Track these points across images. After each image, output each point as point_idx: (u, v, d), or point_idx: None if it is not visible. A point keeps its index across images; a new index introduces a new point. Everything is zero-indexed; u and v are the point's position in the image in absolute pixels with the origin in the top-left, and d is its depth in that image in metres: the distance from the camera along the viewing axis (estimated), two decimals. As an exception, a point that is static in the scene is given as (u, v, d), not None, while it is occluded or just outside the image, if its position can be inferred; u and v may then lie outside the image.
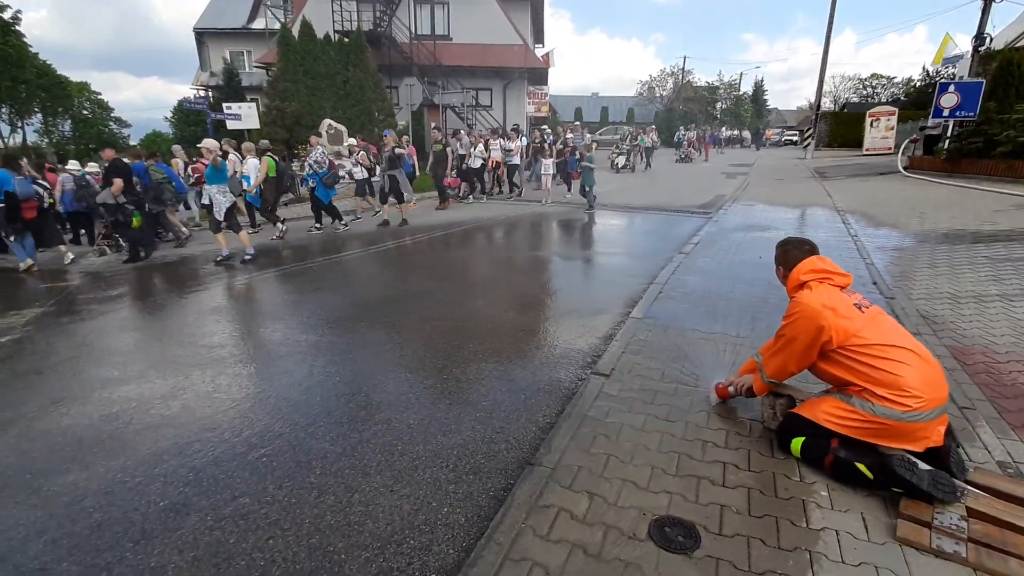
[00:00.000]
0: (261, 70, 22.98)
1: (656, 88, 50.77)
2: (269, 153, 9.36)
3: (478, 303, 5.50)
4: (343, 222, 10.10)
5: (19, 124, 29.49)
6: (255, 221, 10.27)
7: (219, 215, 7.68)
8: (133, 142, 36.52)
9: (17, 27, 23.20)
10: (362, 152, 11.00)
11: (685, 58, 59.86)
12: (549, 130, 19.38)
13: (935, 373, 2.39)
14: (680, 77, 48.77)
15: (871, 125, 23.69)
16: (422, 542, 2.24)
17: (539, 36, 30.54)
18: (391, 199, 9.96)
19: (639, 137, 22.69)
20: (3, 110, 26.86)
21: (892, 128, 23.15)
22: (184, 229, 9.65)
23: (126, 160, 8.49)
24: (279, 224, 9.31)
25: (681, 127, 32.01)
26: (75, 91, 32.02)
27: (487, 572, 1.99)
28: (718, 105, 49.58)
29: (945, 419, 2.39)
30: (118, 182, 7.82)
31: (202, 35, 27.93)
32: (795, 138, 42.54)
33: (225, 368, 4.04)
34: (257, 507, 2.48)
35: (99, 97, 35.85)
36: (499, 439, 2.95)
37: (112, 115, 36.79)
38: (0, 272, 7.88)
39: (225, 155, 7.90)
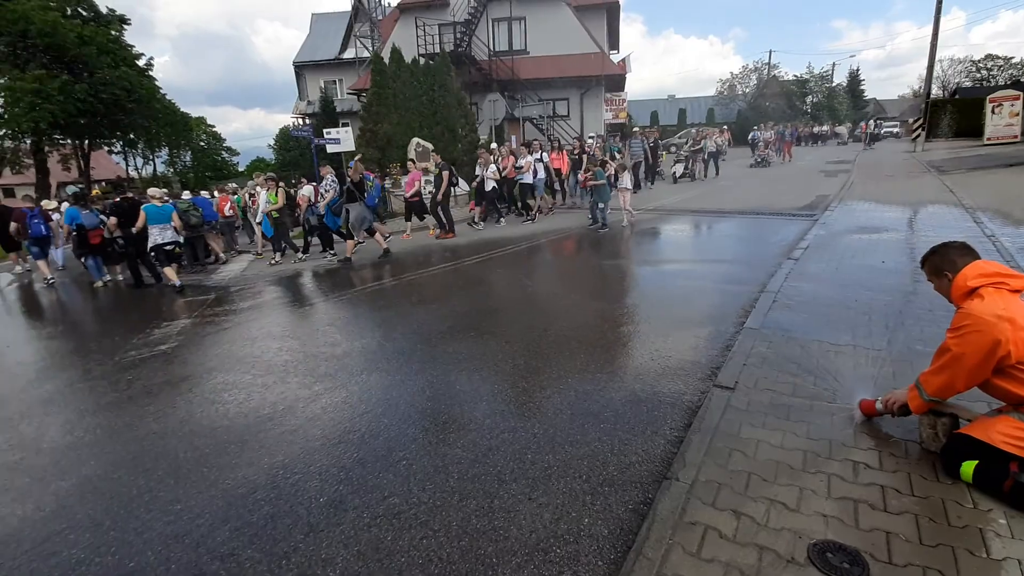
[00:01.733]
0: (353, 96, 24.64)
1: (738, 85, 48.52)
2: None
3: (581, 314, 5.51)
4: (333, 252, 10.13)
5: (150, 157, 33.70)
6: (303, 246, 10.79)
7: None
8: (241, 169, 40.52)
9: (150, 72, 26.58)
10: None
11: (771, 52, 56.57)
12: (592, 137, 18.02)
13: None
14: (765, 72, 46.29)
15: (992, 111, 21.15)
16: (569, 552, 2.28)
17: (614, 42, 30.30)
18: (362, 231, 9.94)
19: (702, 140, 19.23)
20: (139, 145, 30.83)
21: (1018, 114, 20.54)
22: (222, 254, 11.08)
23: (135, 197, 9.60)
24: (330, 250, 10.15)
25: (755, 126, 27.67)
26: (194, 125, 36.03)
27: (644, 586, 1.98)
28: (808, 99, 46.44)
29: None
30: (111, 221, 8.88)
31: (301, 68, 30.46)
32: (895, 129, 38.74)
33: (354, 376, 4.34)
34: (406, 507, 2.64)
35: (213, 129, 40.18)
36: (628, 451, 2.94)
37: (224, 145, 41.01)
38: (146, 289, 9.00)
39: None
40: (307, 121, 20.28)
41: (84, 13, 24.19)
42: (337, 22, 30.90)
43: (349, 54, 28.69)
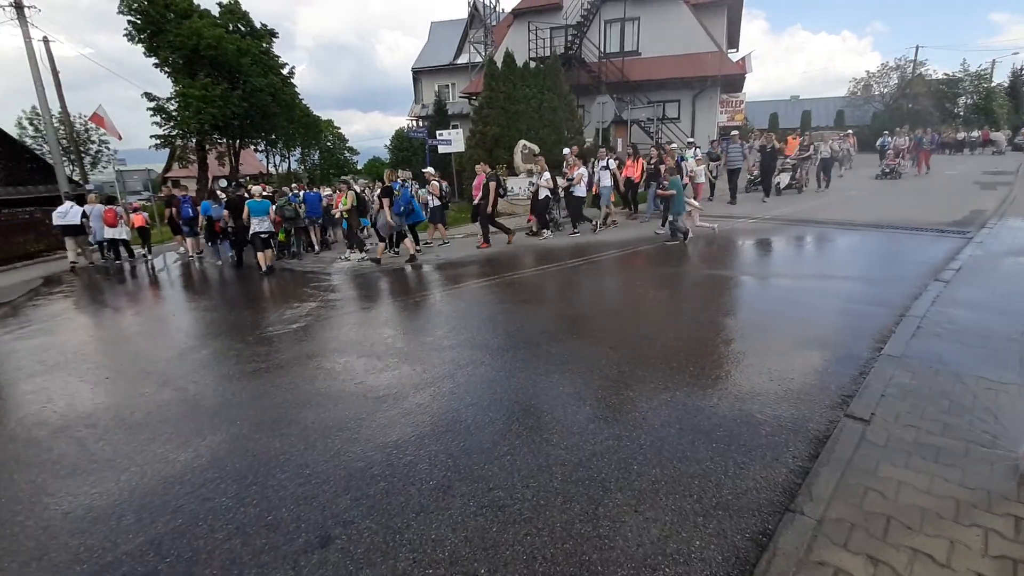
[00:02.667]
0: (464, 99, 25.65)
1: (875, 85, 43.45)
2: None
3: (689, 325, 5.27)
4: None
5: (287, 155, 37.67)
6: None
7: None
8: (359, 167, 43.88)
9: (292, 80, 29.66)
10: (434, 183, 11.39)
11: (917, 48, 49.83)
12: (679, 144, 15.67)
13: None
14: (909, 70, 41.02)
15: None
16: (678, 572, 2.19)
17: (733, 40, 28.56)
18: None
19: (811, 145, 16.21)
20: (279, 145, 34.56)
21: None
22: (317, 245, 12.20)
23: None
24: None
25: (885, 131, 23.07)
26: (324, 127, 39.62)
27: (766, 622, 1.85)
28: (960, 100, 40.35)
29: None
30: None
31: (418, 73, 32.29)
32: None
33: (461, 368, 4.52)
34: (511, 502, 2.70)
35: (338, 131, 43.90)
36: (745, 476, 2.76)
37: (346, 145, 44.66)
38: (246, 270, 10.06)
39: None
40: (421, 123, 21.47)
41: (243, 28, 27.57)
42: (454, 29, 32.32)
43: (463, 59, 29.87)
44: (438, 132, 16.92)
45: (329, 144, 42.96)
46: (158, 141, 26.45)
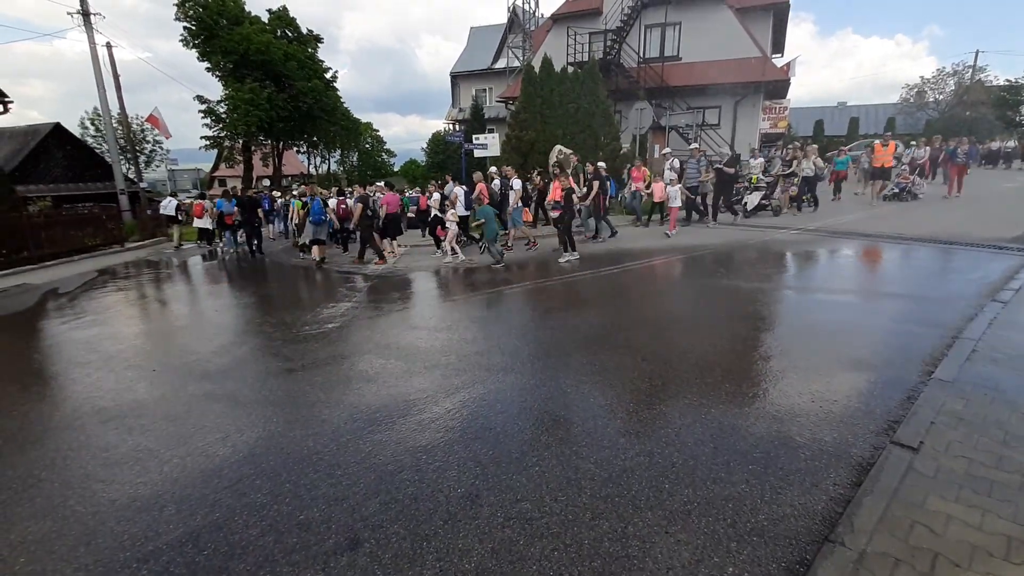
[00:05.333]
0: (501, 103, 25.81)
1: (929, 91, 41.50)
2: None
3: (726, 340, 5.13)
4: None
5: (327, 156, 38.72)
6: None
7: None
8: (396, 169, 44.69)
9: (334, 84, 30.50)
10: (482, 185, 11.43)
11: (977, 52, 47.00)
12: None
13: None
14: (968, 75, 38.98)
15: None
16: (710, 598, 2.13)
17: (778, 46, 27.78)
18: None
19: (793, 160, 13.89)
20: (320, 147, 35.58)
21: None
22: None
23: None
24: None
25: (913, 141, 19.33)
26: (363, 130, 40.56)
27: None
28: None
29: None
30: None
31: (456, 77, 32.71)
32: None
33: (492, 374, 4.53)
34: (538, 515, 2.68)
35: (377, 133, 44.86)
36: (782, 501, 2.66)
37: (384, 147, 45.57)
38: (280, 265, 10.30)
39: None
40: (458, 127, 21.73)
41: (289, 34, 28.56)
42: (493, 34, 32.62)
43: (501, 64, 30.10)
44: (474, 136, 17.08)
45: (368, 146, 43.94)
46: (207, 142, 27.61)
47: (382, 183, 13.35)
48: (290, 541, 2.61)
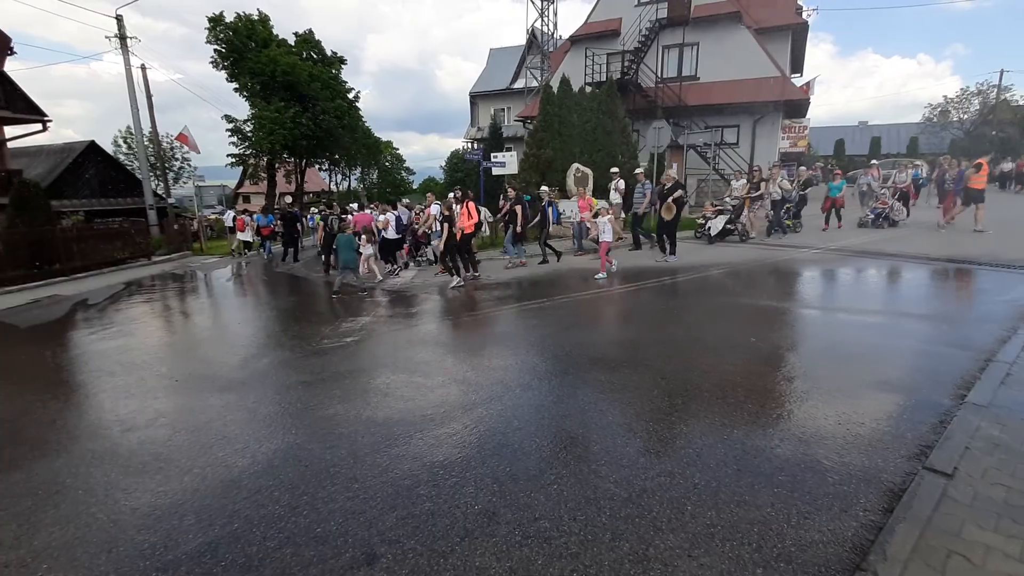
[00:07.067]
0: (519, 123, 26.13)
1: (953, 111, 40.88)
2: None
3: (748, 359, 5.03)
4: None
5: (347, 174, 39.51)
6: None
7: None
8: (415, 187, 45.36)
9: (356, 104, 31.28)
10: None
11: (1002, 72, 46.11)
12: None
13: None
14: (993, 95, 38.35)
15: None
16: (736, 626, 2.05)
17: (797, 65, 27.75)
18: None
19: (761, 182, 13.17)
20: (341, 164, 36.35)
21: None
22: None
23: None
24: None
25: (874, 161, 17.93)
26: (384, 148, 41.37)
27: None
28: (1052, 129, 37.05)
29: None
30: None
31: (475, 97, 33.26)
32: None
33: (509, 390, 4.50)
34: (556, 534, 2.63)
35: (397, 151, 45.70)
36: (809, 526, 2.57)
37: (403, 165, 46.36)
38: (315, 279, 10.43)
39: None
40: (476, 146, 22.03)
41: (315, 56, 29.47)
42: (512, 55, 33.18)
43: (519, 84, 30.55)
44: (493, 154, 17.27)
45: (387, 164, 44.75)
46: (233, 159, 28.38)
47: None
48: (307, 554, 2.60)
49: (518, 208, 10.87)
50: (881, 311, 6.60)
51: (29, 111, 18.00)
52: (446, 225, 9.78)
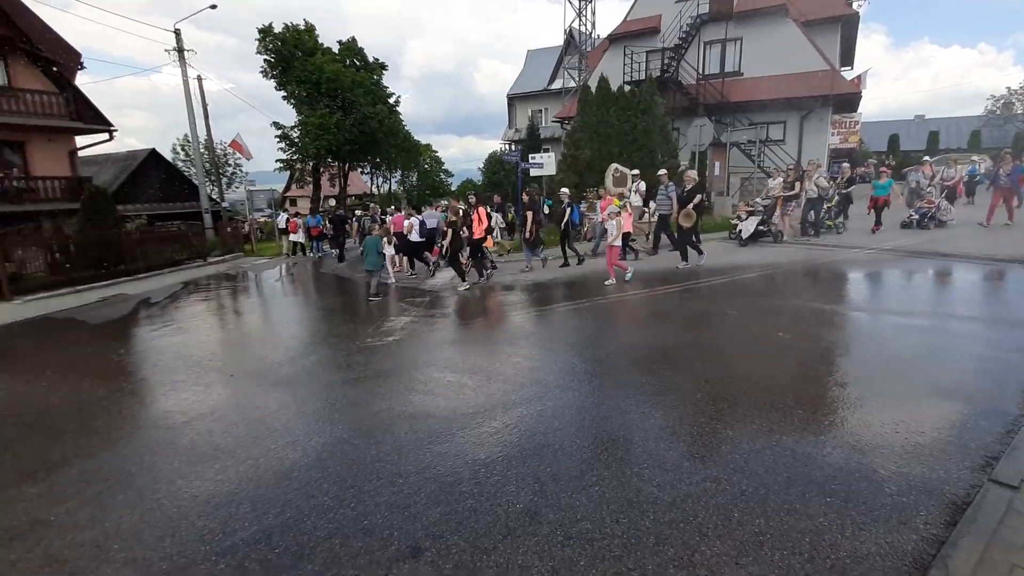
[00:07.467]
0: (556, 123, 26.08)
1: (1018, 103, 38.14)
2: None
3: (797, 363, 4.87)
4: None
5: (388, 177, 40.41)
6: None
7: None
8: (453, 188, 45.92)
9: (397, 108, 31.97)
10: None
11: (1079, 57, 42.43)
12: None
13: None
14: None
15: None
16: (786, 637, 2.00)
17: (848, 58, 26.52)
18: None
19: (795, 181, 12.22)
20: (382, 168, 37.24)
21: None
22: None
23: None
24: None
25: (964, 158, 15.94)
26: (423, 151, 42.10)
27: None
28: None
29: None
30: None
31: (513, 99, 33.39)
32: None
33: (549, 391, 4.51)
34: (599, 536, 2.62)
35: (435, 154, 46.39)
36: (865, 538, 2.47)
37: (442, 168, 47.01)
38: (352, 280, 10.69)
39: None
40: (514, 147, 22.13)
41: (357, 63, 30.31)
42: (549, 56, 33.13)
43: (557, 85, 30.48)
44: (530, 155, 17.31)
45: (426, 167, 45.49)
46: (281, 164, 29.51)
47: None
48: (355, 545, 2.69)
49: (529, 213, 10.92)
50: (939, 313, 6.23)
51: (97, 122, 19.23)
52: (450, 231, 9.88)
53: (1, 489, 3.57)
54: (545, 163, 16.39)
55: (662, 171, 11.91)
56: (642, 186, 12.96)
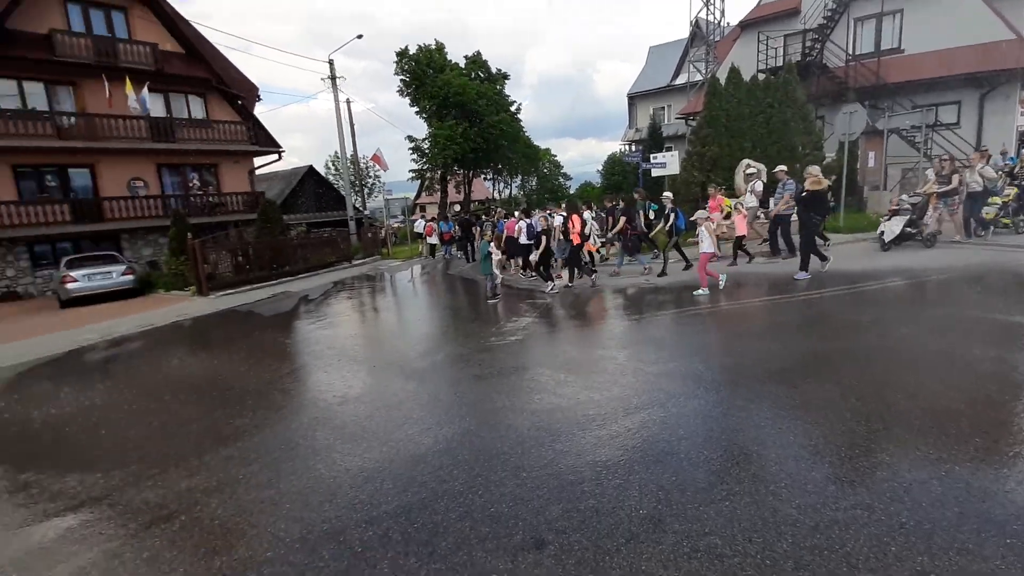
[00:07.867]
0: (680, 120, 24.95)
1: None
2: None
3: (972, 382, 4.16)
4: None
5: (509, 182, 41.80)
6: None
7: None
8: (571, 191, 46.03)
9: (518, 115, 32.96)
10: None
11: None
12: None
13: None
14: None
15: None
16: None
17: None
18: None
19: (952, 174, 10.21)
20: (503, 174, 38.67)
21: None
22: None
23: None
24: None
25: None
26: (542, 156, 42.85)
27: None
28: None
29: None
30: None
31: (633, 98, 32.63)
32: None
33: (672, 397, 4.38)
34: (730, 553, 2.51)
35: (554, 158, 46.91)
36: (1070, 597, 2.07)
37: (561, 171, 47.39)
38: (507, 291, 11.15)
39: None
40: (634, 147, 21.58)
41: (481, 75, 31.84)
42: (672, 51, 31.79)
43: (681, 79, 29.14)
44: (652, 155, 16.78)
45: (545, 171, 46.20)
46: (413, 173, 32.03)
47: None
48: (483, 530, 2.88)
49: (622, 218, 10.79)
50: None
51: (269, 144, 22.56)
52: (544, 237, 10.35)
53: (208, 451, 4.37)
54: (668, 162, 15.81)
55: (780, 167, 10.84)
56: (758, 186, 11.93)
